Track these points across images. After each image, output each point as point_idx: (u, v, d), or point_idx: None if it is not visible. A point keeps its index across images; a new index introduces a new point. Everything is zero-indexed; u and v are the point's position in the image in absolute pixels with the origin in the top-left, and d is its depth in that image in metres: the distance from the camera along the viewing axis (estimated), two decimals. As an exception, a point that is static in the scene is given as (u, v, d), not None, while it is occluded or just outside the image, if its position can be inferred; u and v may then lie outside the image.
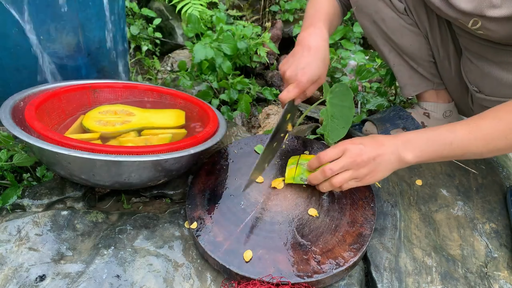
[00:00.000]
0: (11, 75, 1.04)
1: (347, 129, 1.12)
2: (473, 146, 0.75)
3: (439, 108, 1.15)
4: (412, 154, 0.76)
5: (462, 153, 0.76)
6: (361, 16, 1.04)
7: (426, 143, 0.76)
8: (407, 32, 1.03)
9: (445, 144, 0.75)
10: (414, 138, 0.77)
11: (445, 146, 0.75)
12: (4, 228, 0.86)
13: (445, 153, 0.76)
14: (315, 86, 0.91)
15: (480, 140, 0.75)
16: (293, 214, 0.87)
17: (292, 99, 0.88)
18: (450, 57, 1.05)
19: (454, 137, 0.75)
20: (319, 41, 0.90)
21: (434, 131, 0.77)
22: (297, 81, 0.87)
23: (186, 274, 0.81)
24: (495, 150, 0.76)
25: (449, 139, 0.75)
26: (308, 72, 0.87)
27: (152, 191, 0.98)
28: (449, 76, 1.09)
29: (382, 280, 0.82)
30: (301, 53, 0.89)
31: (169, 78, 1.52)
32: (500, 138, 0.74)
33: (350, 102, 1.14)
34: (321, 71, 0.89)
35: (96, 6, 1.07)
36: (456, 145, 0.75)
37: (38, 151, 0.82)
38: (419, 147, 0.76)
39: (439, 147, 0.76)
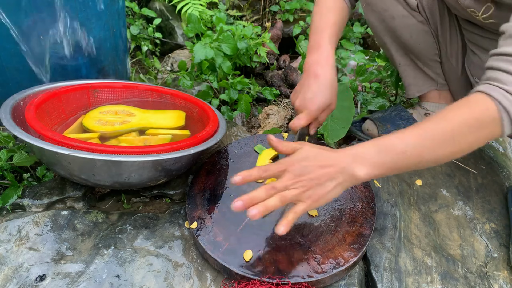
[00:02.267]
0: (11, 75, 1.04)
1: (347, 129, 1.12)
2: (425, 152, 0.68)
3: (441, 109, 1.15)
4: (365, 170, 0.68)
5: (417, 161, 0.69)
6: (370, 14, 1.04)
7: (377, 156, 0.68)
8: (417, 30, 1.03)
9: (397, 154, 0.68)
10: (364, 152, 0.70)
11: (397, 156, 0.68)
12: (4, 228, 0.86)
13: (399, 164, 0.69)
14: (327, 113, 0.90)
15: (434, 144, 0.68)
16: (293, 214, 0.87)
17: (303, 126, 0.88)
18: (457, 55, 1.05)
19: (406, 146, 0.68)
20: (325, 69, 0.89)
21: (384, 142, 0.70)
22: (307, 110, 0.86)
23: (186, 274, 0.81)
24: (453, 153, 0.70)
25: (400, 148, 0.68)
26: (316, 101, 0.86)
27: (152, 191, 0.98)
28: (454, 74, 1.09)
29: (382, 280, 0.82)
30: (307, 83, 0.89)
31: (170, 78, 1.52)
32: (448, 140, 0.68)
33: (350, 102, 1.14)
34: (329, 99, 0.88)
35: (96, 6, 1.07)
36: (409, 154, 0.68)
37: (38, 151, 0.82)
38: (371, 161, 0.68)
39: (392, 158, 0.68)
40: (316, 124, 0.92)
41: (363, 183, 0.95)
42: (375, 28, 1.07)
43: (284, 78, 1.61)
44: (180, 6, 1.77)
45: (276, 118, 1.36)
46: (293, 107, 1.46)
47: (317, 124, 0.92)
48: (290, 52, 1.97)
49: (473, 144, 0.69)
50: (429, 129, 0.69)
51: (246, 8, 2.09)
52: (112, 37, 1.17)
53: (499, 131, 0.67)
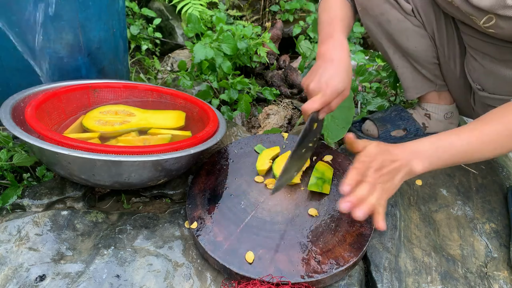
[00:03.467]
0: (11, 75, 1.04)
1: (347, 129, 1.12)
2: (479, 152, 0.77)
3: (441, 110, 1.15)
4: (422, 165, 0.75)
5: (468, 158, 0.77)
6: (366, 18, 1.04)
7: (435, 153, 0.76)
8: (413, 34, 1.03)
9: (455, 152, 0.76)
10: (423, 148, 0.76)
11: (455, 154, 0.76)
12: (4, 228, 0.86)
13: (455, 160, 0.77)
14: (340, 99, 0.89)
15: (486, 145, 0.76)
16: (293, 214, 0.87)
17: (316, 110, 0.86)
18: (456, 57, 1.05)
19: (462, 144, 0.75)
20: (341, 53, 0.89)
21: (442, 139, 0.77)
22: (321, 92, 0.85)
23: (186, 274, 0.81)
24: (500, 153, 0.78)
25: (458, 145, 0.76)
26: (332, 83, 0.85)
27: (152, 191, 0.98)
28: (453, 76, 1.09)
29: (382, 280, 0.82)
30: (324, 66, 0.87)
31: (170, 78, 1.52)
32: (504, 141, 0.76)
33: (350, 102, 1.14)
34: (345, 83, 0.87)
35: (96, 6, 1.07)
36: (463, 152, 0.76)
37: (38, 151, 0.82)
38: (428, 157, 0.75)
39: (449, 155, 0.76)
40: (327, 109, 0.89)
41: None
42: (372, 32, 1.07)
43: (284, 78, 1.61)
44: (180, 6, 1.77)
45: (276, 118, 1.36)
46: (293, 107, 1.46)
47: (328, 110, 0.89)
48: (290, 52, 1.97)
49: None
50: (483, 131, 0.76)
51: (246, 8, 2.09)
52: (112, 37, 1.17)
53: None
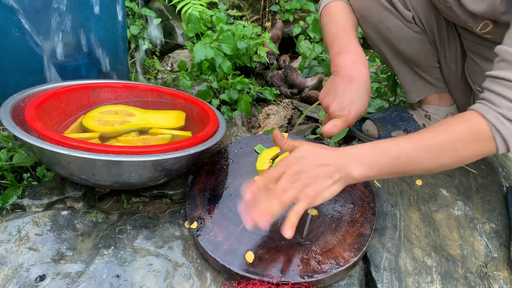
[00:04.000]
0: (11, 76, 1.04)
1: (347, 129, 1.12)
2: (421, 160, 0.72)
3: (441, 111, 1.15)
4: (360, 170, 0.72)
5: (411, 168, 0.73)
6: (365, 25, 1.03)
7: (373, 159, 0.72)
8: (413, 40, 1.02)
9: (391, 158, 0.72)
10: (361, 153, 0.73)
11: (392, 161, 0.72)
12: (4, 228, 0.86)
13: (393, 169, 0.73)
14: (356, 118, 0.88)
15: (427, 153, 0.71)
16: (293, 214, 0.87)
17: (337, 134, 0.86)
18: (457, 60, 1.04)
19: (400, 152, 0.71)
20: (361, 71, 0.87)
21: (380, 145, 0.73)
22: (343, 117, 0.85)
23: (186, 274, 0.81)
24: (443, 164, 0.73)
25: (395, 153, 0.72)
26: (355, 108, 0.85)
27: (152, 191, 0.98)
28: (454, 79, 1.09)
29: (382, 280, 0.82)
30: (344, 86, 0.86)
31: (170, 78, 1.52)
32: (447, 150, 0.71)
33: (350, 102, 1.14)
34: (366, 105, 0.86)
35: (96, 6, 1.07)
36: (403, 160, 0.71)
37: (38, 151, 0.82)
38: (366, 162, 0.72)
39: (386, 161, 0.72)
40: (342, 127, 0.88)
41: (363, 183, 0.95)
42: (371, 38, 1.07)
43: (284, 78, 1.61)
44: (180, 6, 1.77)
45: (276, 118, 1.36)
46: (293, 107, 1.46)
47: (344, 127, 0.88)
48: (290, 52, 1.97)
49: (465, 159, 0.73)
50: (426, 139, 0.72)
51: (246, 8, 2.09)
52: (112, 37, 1.17)
53: (492, 150, 0.71)
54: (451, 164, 0.73)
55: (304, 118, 1.40)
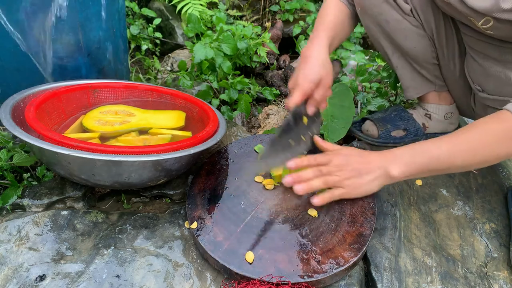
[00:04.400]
0: (11, 75, 1.04)
1: (347, 129, 1.12)
2: (459, 159, 0.76)
3: (441, 110, 1.15)
4: (399, 169, 0.78)
5: (448, 166, 0.77)
6: (365, 17, 1.04)
7: (412, 158, 0.78)
8: (411, 34, 1.03)
9: (431, 158, 0.77)
10: (400, 154, 0.79)
11: (431, 160, 0.77)
12: (4, 228, 0.86)
13: (431, 167, 0.77)
14: (322, 90, 0.92)
15: (466, 152, 0.76)
16: (293, 214, 0.87)
17: (298, 103, 0.90)
18: (455, 58, 1.05)
19: (440, 151, 0.77)
20: (316, 50, 0.94)
21: (420, 146, 0.79)
22: (297, 85, 0.90)
23: (186, 274, 0.81)
24: (482, 162, 0.77)
25: (435, 152, 0.77)
26: (307, 77, 0.90)
27: (152, 191, 0.98)
28: (453, 77, 1.09)
29: (382, 280, 0.82)
30: (300, 64, 0.94)
31: (170, 78, 1.52)
32: (485, 149, 0.75)
33: (350, 102, 1.14)
34: (320, 73, 0.91)
35: (96, 6, 1.07)
36: (443, 159, 0.76)
37: (38, 151, 0.82)
38: (405, 162, 0.78)
39: (425, 161, 0.77)
40: (313, 102, 0.94)
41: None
42: (371, 31, 1.07)
43: (284, 78, 1.61)
44: (180, 6, 1.77)
45: (276, 118, 1.36)
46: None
47: (315, 103, 0.94)
48: (290, 52, 1.97)
49: (501, 156, 0.77)
50: (465, 140, 0.77)
51: (246, 8, 2.09)
52: (112, 37, 1.17)
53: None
54: (488, 162, 0.78)
55: (304, 118, 1.40)
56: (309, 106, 0.94)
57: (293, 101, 0.90)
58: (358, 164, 0.81)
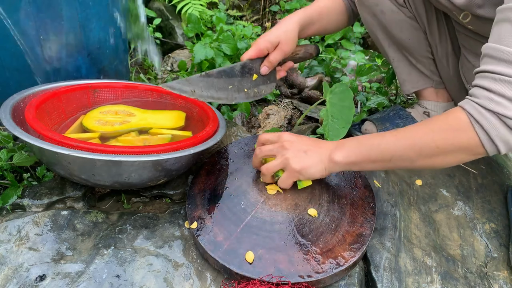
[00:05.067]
0: (11, 75, 1.04)
1: (347, 129, 1.12)
2: (400, 148, 0.75)
3: (439, 107, 1.15)
4: (341, 154, 0.79)
5: (390, 156, 0.76)
6: (362, 8, 1.06)
7: (355, 145, 0.80)
8: (406, 25, 1.04)
9: (372, 145, 0.77)
10: (346, 141, 0.81)
11: (372, 147, 0.77)
12: (4, 228, 0.86)
13: (372, 155, 0.77)
14: (278, 53, 0.98)
15: (406, 141, 0.75)
16: (293, 214, 0.87)
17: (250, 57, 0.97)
18: (448, 55, 1.05)
19: (381, 139, 0.77)
20: (285, 21, 0.99)
21: (367, 136, 0.81)
22: (255, 43, 0.97)
23: (186, 274, 0.81)
24: (423, 154, 0.74)
25: (377, 141, 0.77)
26: (267, 36, 0.97)
27: (152, 191, 0.98)
28: (448, 74, 1.09)
29: (382, 280, 0.82)
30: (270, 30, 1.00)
31: (170, 78, 1.52)
32: (426, 140, 0.73)
33: (350, 102, 1.14)
34: (279, 37, 0.96)
35: (96, 6, 1.07)
36: (383, 147, 0.76)
37: (38, 151, 0.82)
38: (349, 147, 0.80)
39: (367, 148, 0.78)
40: (267, 63, 0.99)
41: (363, 183, 0.95)
42: (368, 23, 1.08)
43: (284, 78, 1.61)
44: (180, 6, 1.78)
45: (276, 118, 1.36)
46: (293, 107, 1.46)
47: (268, 64, 0.99)
48: (290, 52, 1.97)
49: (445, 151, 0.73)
50: (407, 130, 0.76)
51: (246, 8, 2.09)
52: (112, 37, 1.17)
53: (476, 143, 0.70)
54: (432, 155, 0.74)
55: (304, 118, 1.40)
56: (262, 65, 1.00)
57: (246, 54, 0.97)
58: (304, 146, 0.82)
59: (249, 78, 0.98)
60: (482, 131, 0.68)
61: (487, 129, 0.67)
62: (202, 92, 0.91)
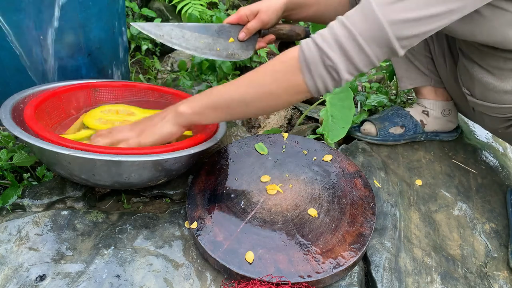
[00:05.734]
0: (11, 75, 1.04)
1: (347, 129, 1.12)
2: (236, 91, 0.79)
3: (438, 106, 1.15)
4: (186, 105, 0.83)
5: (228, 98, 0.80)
6: None
7: (198, 96, 0.84)
8: None
9: (212, 91, 0.82)
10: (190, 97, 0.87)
11: (212, 93, 0.82)
12: (4, 228, 0.86)
13: (214, 101, 0.81)
14: (256, 21, 1.00)
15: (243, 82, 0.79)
16: (293, 214, 0.87)
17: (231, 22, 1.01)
18: (445, 55, 1.05)
19: (222, 87, 0.82)
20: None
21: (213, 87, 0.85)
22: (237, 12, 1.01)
23: (186, 274, 0.81)
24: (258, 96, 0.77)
25: (218, 88, 0.82)
26: (248, 5, 1.01)
27: (152, 191, 0.98)
28: (444, 74, 1.09)
29: (382, 280, 0.82)
30: None
31: (170, 78, 1.52)
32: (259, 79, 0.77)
33: (350, 102, 1.14)
34: (260, 7, 0.99)
35: (96, 6, 1.07)
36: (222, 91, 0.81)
37: (38, 151, 0.82)
38: (192, 100, 0.85)
39: (208, 95, 0.83)
40: (244, 29, 1.03)
41: (363, 183, 0.96)
42: None
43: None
44: (180, 6, 1.77)
45: (276, 118, 1.36)
46: (293, 107, 1.46)
47: (246, 30, 1.03)
48: (290, 52, 1.97)
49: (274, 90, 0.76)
50: (247, 74, 0.80)
51: (246, 8, 2.09)
52: (112, 37, 1.17)
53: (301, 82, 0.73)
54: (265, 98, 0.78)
55: (304, 118, 1.40)
56: (240, 31, 1.03)
57: (227, 19, 1.02)
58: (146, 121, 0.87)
59: (225, 40, 1.02)
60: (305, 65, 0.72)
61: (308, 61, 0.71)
62: (172, 39, 0.97)
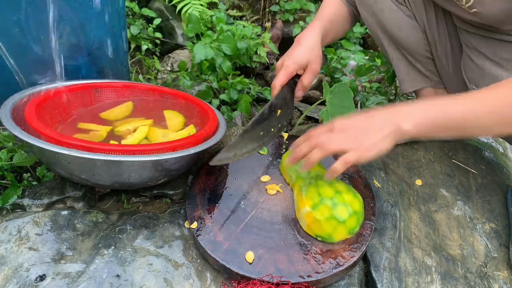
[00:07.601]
0: (11, 75, 1.04)
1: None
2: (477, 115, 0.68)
3: None
4: (411, 122, 0.69)
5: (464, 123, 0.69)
6: (362, 7, 1.06)
7: (423, 111, 0.69)
8: (405, 24, 1.04)
9: (443, 111, 0.68)
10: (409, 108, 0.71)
11: (444, 113, 0.68)
12: (4, 228, 0.86)
13: (444, 122, 0.69)
14: (309, 75, 0.95)
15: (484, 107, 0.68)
16: (293, 214, 0.87)
17: (283, 83, 0.92)
18: (447, 55, 1.05)
19: (453, 104, 0.69)
20: (308, 35, 0.96)
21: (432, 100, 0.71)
22: (284, 67, 0.92)
23: (186, 274, 0.81)
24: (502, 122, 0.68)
25: (448, 106, 0.69)
26: (294, 57, 0.92)
27: (152, 191, 0.98)
28: (447, 74, 1.09)
29: (382, 280, 0.82)
30: (291, 47, 0.96)
31: (170, 78, 1.52)
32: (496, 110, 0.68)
33: (350, 102, 1.14)
34: (308, 57, 0.93)
35: (96, 6, 1.07)
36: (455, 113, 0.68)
37: (38, 151, 0.82)
38: (417, 114, 0.69)
39: (437, 114, 0.69)
40: (301, 87, 0.96)
41: (363, 183, 0.95)
42: (368, 22, 1.09)
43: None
44: (180, 6, 1.77)
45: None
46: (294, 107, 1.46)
47: (302, 87, 0.96)
48: (290, 52, 1.97)
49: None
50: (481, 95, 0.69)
51: (246, 8, 2.09)
52: (112, 37, 1.17)
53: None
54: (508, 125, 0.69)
55: (304, 118, 1.40)
56: (297, 90, 0.96)
57: (278, 81, 0.91)
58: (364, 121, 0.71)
59: (274, 115, 0.91)
60: None
61: None
62: (242, 151, 0.85)
